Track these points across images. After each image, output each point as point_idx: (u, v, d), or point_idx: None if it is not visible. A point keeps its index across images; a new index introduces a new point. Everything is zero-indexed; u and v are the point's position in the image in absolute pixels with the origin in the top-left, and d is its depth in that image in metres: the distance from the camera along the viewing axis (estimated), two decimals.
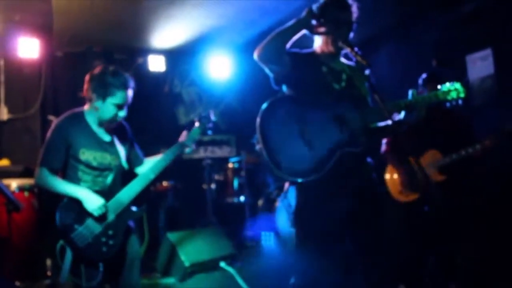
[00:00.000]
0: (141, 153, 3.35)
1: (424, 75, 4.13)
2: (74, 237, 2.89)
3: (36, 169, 2.99)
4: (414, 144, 3.96)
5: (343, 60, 2.90)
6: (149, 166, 3.18)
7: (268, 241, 4.76)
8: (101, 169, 3.05)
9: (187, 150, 3.28)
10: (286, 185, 5.03)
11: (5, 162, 4.97)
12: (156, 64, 6.42)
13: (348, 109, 2.74)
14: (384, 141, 4.15)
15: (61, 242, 2.84)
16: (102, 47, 6.11)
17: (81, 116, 3.07)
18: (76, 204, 2.93)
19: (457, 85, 2.77)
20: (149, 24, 5.66)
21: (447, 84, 2.76)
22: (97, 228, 2.94)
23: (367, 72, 2.81)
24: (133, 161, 3.28)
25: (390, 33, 6.14)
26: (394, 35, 6.10)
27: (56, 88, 5.78)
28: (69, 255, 2.84)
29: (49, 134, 3.00)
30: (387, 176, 4.14)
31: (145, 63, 6.37)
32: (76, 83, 6.11)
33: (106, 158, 3.06)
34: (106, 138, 3.10)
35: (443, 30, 5.34)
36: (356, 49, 2.64)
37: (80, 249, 2.89)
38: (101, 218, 2.95)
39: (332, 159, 2.66)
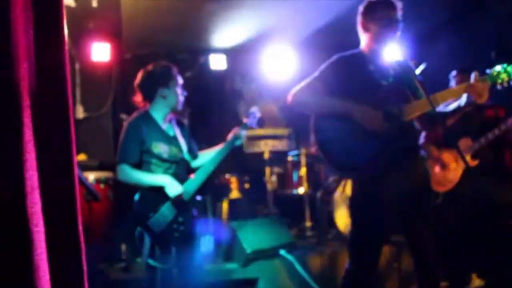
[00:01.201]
0: (196, 148, 3.63)
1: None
2: (150, 224, 3.19)
3: (117, 168, 3.28)
4: (450, 134, 4.01)
5: (390, 56, 2.95)
6: (207, 159, 3.45)
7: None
8: (171, 162, 3.34)
9: (237, 143, 3.55)
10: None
11: (82, 157, 5.39)
12: (217, 62, 6.68)
13: (397, 104, 2.85)
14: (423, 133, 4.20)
15: (139, 229, 3.16)
16: (166, 48, 6.46)
17: (148, 114, 3.38)
18: (151, 194, 3.24)
19: (509, 67, 2.81)
20: (210, 26, 5.94)
21: (497, 67, 2.81)
22: (169, 215, 3.23)
23: (415, 68, 2.90)
24: (190, 154, 3.57)
25: (448, 26, 6.12)
26: (452, 28, 6.07)
27: (125, 88, 6.15)
28: (147, 240, 3.15)
29: (123, 133, 3.32)
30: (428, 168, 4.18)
31: (207, 62, 6.65)
32: None
33: (173, 150, 3.36)
34: (171, 132, 3.41)
35: (502, 22, 5.31)
36: (402, 48, 2.76)
37: (156, 235, 3.18)
38: (175, 206, 3.24)
39: (385, 154, 2.79)
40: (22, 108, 1.00)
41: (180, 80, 3.42)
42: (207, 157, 3.51)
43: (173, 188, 3.24)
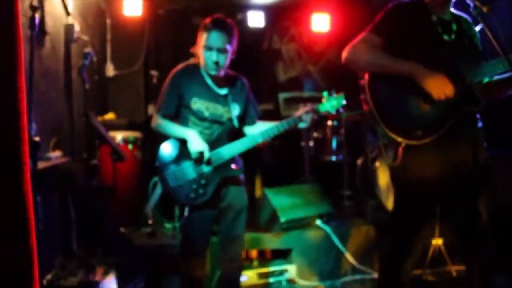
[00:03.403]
0: (256, 113, 3.29)
1: None
2: (167, 176, 3.00)
3: (153, 115, 3.13)
4: None
5: (452, 9, 2.65)
6: (259, 130, 3.11)
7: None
8: (211, 121, 3.08)
9: (301, 125, 3.12)
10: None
11: (111, 116, 5.21)
12: (255, 20, 6.31)
13: (462, 63, 2.51)
14: None
15: (155, 179, 2.95)
16: (202, 3, 6.13)
17: (196, 67, 3.11)
18: (177, 146, 3.02)
19: None
20: None
21: None
22: (191, 174, 3.00)
23: (484, 20, 2.52)
24: (245, 119, 3.25)
25: None
26: None
27: (158, 45, 5.92)
28: (158, 191, 2.94)
29: (165, 83, 3.11)
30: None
31: (244, 19, 6.30)
32: (177, 39, 6.27)
33: (218, 110, 3.08)
34: (221, 91, 3.11)
35: None
36: None
37: (169, 189, 2.99)
38: (197, 165, 2.99)
39: (450, 119, 2.48)
40: None
41: (211, 42, 2.94)
42: (263, 127, 3.16)
43: (195, 143, 2.97)
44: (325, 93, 3.14)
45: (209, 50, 2.96)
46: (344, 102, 3.10)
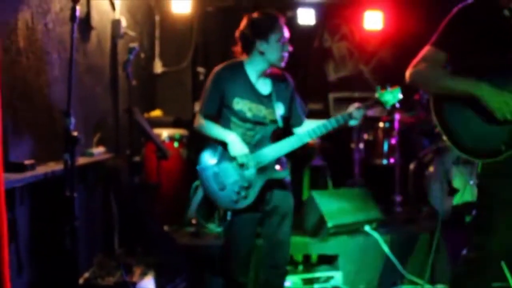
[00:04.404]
0: (303, 112, 3.16)
1: None
2: (208, 178, 2.92)
3: (196, 115, 3.08)
4: None
5: None
6: (307, 129, 2.98)
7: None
8: (254, 122, 2.97)
9: (352, 122, 2.97)
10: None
11: (157, 113, 5.20)
12: (305, 17, 6.14)
13: None
14: None
15: (197, 182, 2.88)
16: (251, 1, 6.03)
17: (240, 66, 3.01)
18: (219, 148, 2.94)
19: None
20: None
21: None
22: (232, 176, 2.90)
23: None
24: (292, 119, 3.13)
25: None
26: None
27: (206, 42, 5.87)
28: (199, 195, 2.86)
29: (207, 82, 3.03)
30: None
31: (294, 17, 6.15)
32: (226, 37, 6.19)
33: (261, 111, 2.97)
34: (264, 91, 3.01)
35: None
36: None
37: (211, 192, 2.90)
38: (240, 168, 2.87)
39: None
40: None
41: (286, 34, 2.97)
42: (311, 126, 3.01)
43: (236, 147, 2.87)
44: (377, 88, 2.96)
45: (285, 43, 2.94)
46: (400, 96, 2.90)
